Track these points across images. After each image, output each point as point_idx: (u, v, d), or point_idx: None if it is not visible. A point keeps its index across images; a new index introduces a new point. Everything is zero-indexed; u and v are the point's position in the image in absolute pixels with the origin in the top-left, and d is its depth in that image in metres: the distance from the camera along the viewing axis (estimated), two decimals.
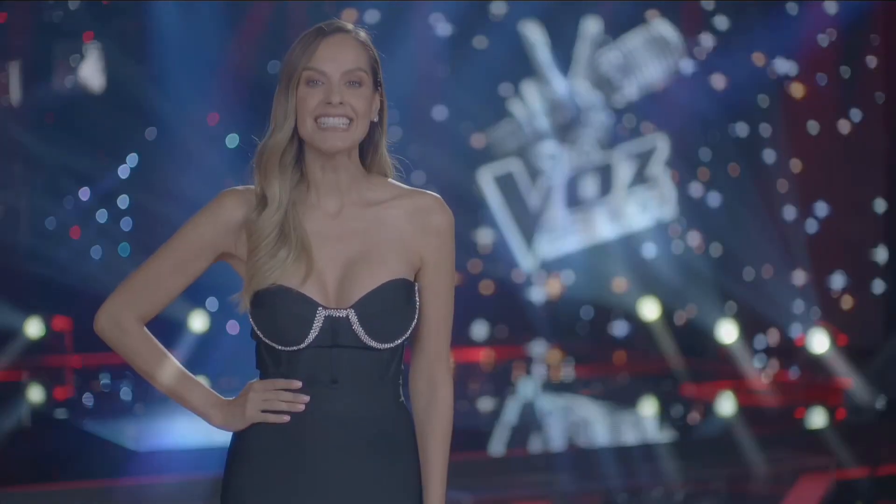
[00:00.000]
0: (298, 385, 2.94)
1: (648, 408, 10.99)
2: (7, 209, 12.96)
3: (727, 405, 10.82)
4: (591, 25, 13.82)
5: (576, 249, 13.97)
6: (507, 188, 13.94)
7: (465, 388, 11.52)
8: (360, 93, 2.95)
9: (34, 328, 12.37)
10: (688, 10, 13.67)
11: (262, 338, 2.95)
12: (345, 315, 2.92)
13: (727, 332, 12.66)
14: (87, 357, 12.45)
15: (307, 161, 2.99)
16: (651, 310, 13.37)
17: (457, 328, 3.10)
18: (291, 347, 2.93)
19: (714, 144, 13.43)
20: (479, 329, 13.70)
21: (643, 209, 13.85)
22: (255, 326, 2.95)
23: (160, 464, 8.07)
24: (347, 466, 2.94)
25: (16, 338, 12.24)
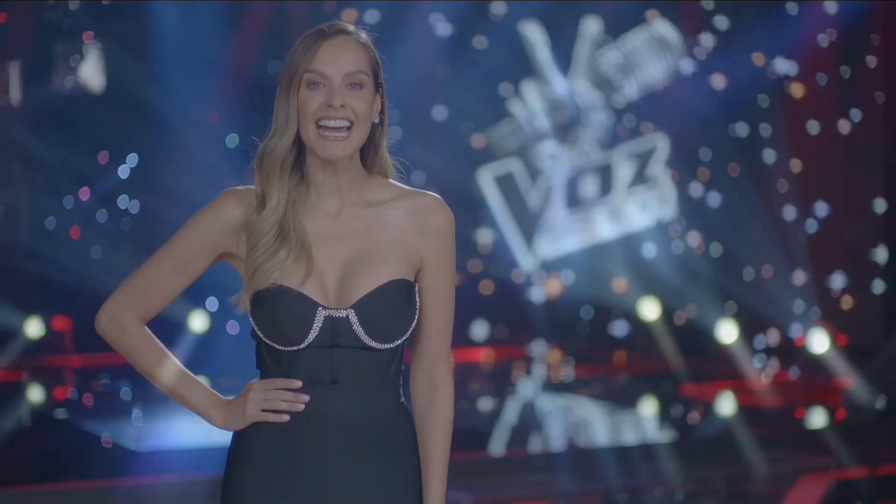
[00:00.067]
0: (299, 385, 2.94)
1: (648, 408, 10.98)
2: (7, 209, 12.95)
3: (727, 405, 10.81)
4: (591, 25, 13.81)
5: (576, 249, 13.96)
6: (507, 188, 13.93)
7: (465, 388, 11.51)
8: (362, 95, 2.95)
9: (34, 328, 12.37)
10: (688, 10, 13.66)
11: (263, 338, 2.95)
12: (345, 315, 2.92)
13: (727, 332, 12.65)
14: (87, 357, 12.44)
15: (308, 162, 2.99)
16: (651, 310, 13.37)
17: (457, 328, 3.10)
18: (291, 347, 2.93)
19: (714, 144, 13.42)
20: (479, 329, 13.70)
21: (643, 209, 13.85)
22: (256, 326, 2.95)
23: (160, 464, 8.07)
24: (347, 467, 2.94)
25: (16, 338, 12.24)
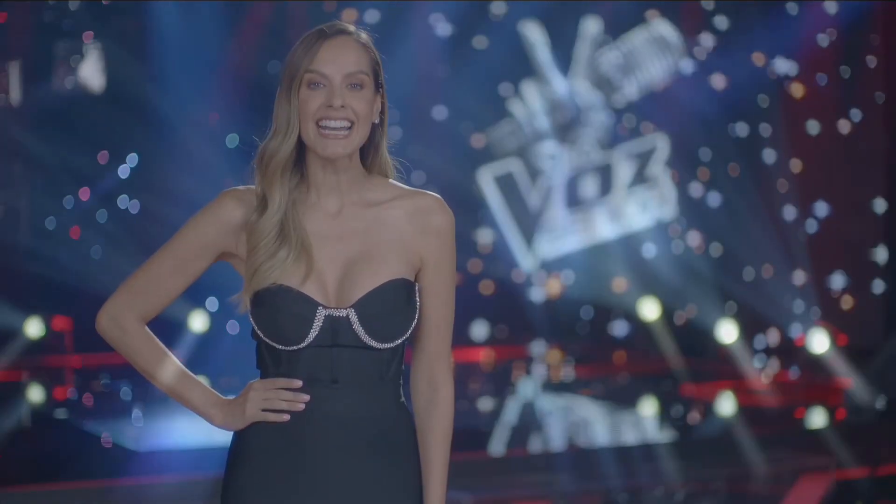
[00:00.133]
0: (299, 384, 2.94)
1: (648, 408, 10.98)
2: (7, 209, 12.95)
3: (727, 405, 10.81)
4: (591, 25, 13.81)
5: (576, 249, 13.96)
6: (507, 188, 13.93)
7: (465, 388, 11.51)
8: (362, 95, 2.95)
9: (34, 328, 12.36)
10: (688, 10, 13.66)
11: (263, 337, 2.95)
12: (345, 314, 2.92)
13: (727, 332, 12.65)
14: (87, 357, 12.44)
15: (308, 162, 2.99)
16: (651, 310, 13.37)
17: (457, 328, 3.10)
18: (292, 347, 2.93)
19: (714, 144, 13.42)
20: (479, 329, 13.70)
21: (643, 209, 13.84)
22: (256, 326, 2.95)
23: (160, 464, 8.07)
24: (347, 466, 2.94)
25: (16, 338, 12.24)
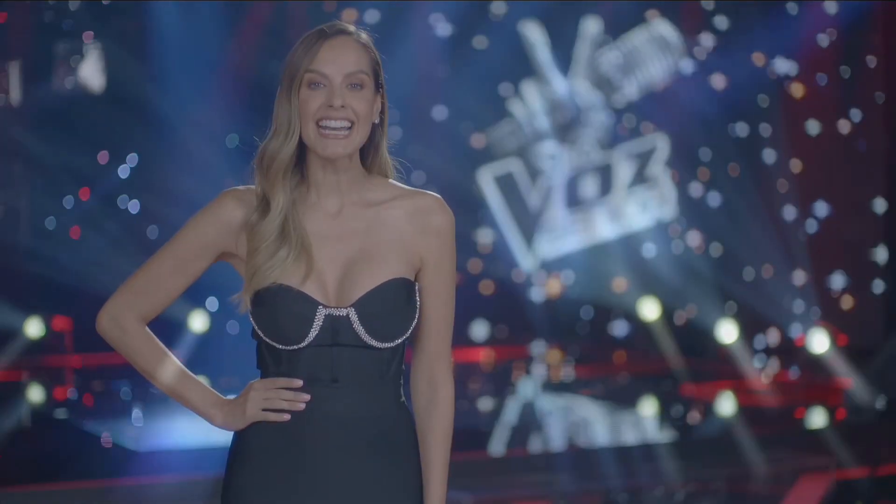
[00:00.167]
0: (299, 384, 2.94)
1: (648, 408, 10.98)
2: (7, 209, 12.95)
3: (727, 405, 10.81)
4: (591, 25, 13.81)
5: (576, 249, 13.96)
6: (507, 188, 13.93)
7: (465, 388, 11.51)
8: (362, 95, 2.95)
9: (34, 328, 12.36)
10: (688, 10, 13.66)
11: (263, 337, 2.95)
12: (345, 314, 2.92)
13: (727, 332, 12.65)
14: (87, 357, 12.44)
15: (308, 162, 2.99)
16: (651, 310, 13.37)
17: (457, 328, 3.10)
18: (292, 346, 2.93)
19: (714, 144, 13.42)
20: (479, 329, 13.69)
21: (643, 209, 13.84)
22: (256, 326, 2.95)
23: (160, 464, 8.07)
24: (348, 466, 2.94)
25: (16, 338, 12.24)
